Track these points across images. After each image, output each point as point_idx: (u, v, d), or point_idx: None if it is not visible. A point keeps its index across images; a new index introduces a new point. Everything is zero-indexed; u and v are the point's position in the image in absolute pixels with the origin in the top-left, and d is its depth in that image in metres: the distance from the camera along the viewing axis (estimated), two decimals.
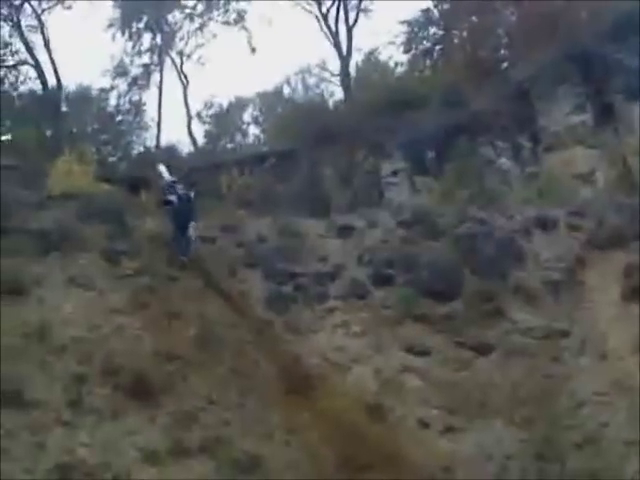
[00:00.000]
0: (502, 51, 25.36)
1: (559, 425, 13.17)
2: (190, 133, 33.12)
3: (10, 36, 29.50)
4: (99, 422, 11.37)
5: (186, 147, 32.52)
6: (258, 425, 12.33)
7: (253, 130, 37.87)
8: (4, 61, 29.65)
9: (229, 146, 36.10)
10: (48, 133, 28.06)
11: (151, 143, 32.39)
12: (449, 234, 17.01)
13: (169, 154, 29.87)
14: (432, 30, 28.80)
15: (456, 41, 26.73)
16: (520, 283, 15.89)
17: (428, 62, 28.23)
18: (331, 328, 15.51)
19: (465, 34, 26.39)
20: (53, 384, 11.67)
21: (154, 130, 32.57)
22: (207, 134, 36.72)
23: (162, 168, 17.41)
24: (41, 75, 29.31)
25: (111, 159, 30.13)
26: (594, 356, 14.25)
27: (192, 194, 16.43)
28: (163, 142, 32.01)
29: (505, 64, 24.40)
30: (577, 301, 15.39)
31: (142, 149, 32.14)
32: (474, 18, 26.05)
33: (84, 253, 14.76)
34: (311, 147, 20.85)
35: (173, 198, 16.05)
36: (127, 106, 33.61)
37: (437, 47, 28.06)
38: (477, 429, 13.53)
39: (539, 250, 16.59)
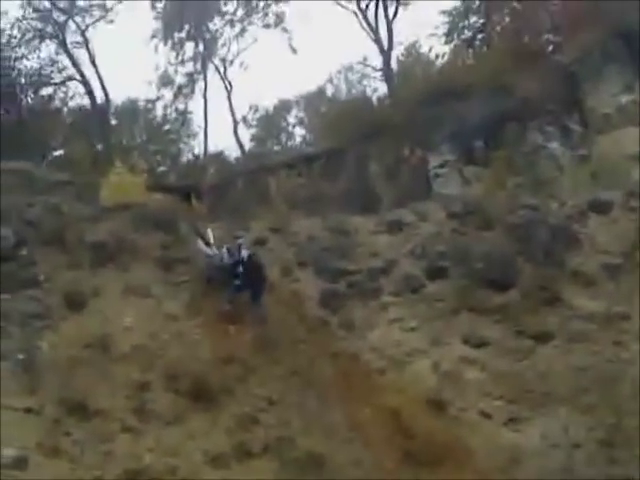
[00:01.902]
0: (546, 35, 24.91)
1: (624, 410, 12.93)
2: (237, 138, 33.30)
3: (57, 53, 30.00)
4: (163, 427, 11.56)
5: (234, 152, 32.75)
6: (319, 423, 12.35)
7: (299, 131, 37.95)
8: (52, 78, 30.19)
9: (276, 148, 36.22)
10: (99, 147, 28.46)
11: (199, 150, 32.73)
12: (501, 223, 16.80)
13: (217, 160, 30.23)
14: (473, 19, 28.55)
15: (498, 28, 26.39)
16: (577, 268, 15.65)
17: (470, 51, 27.93)
18: (387, 323, 15.50)
19: (507, 20, 26.05)
20: (116, 392, 11.86)
21: (201, 137, 32.92)
22: (254, 138, 36.94)
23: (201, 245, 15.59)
24: (89, 90, 29.76)
25: (161, 168, 30.45)
26: None
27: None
28: (211, 148, 32.33)
29: (550, 48, 23.99)
30: (636, 284, 15.07)
31: (190, 157, 32.44)
32: (515, 3, 25.72)
33: (140, 262, 14.96)
34: (357, 144, 20.80)
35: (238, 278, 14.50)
36: (174, 115, 33.96)
37: (479, 35, 27.77)
38: (541, 418, 13.37)
39: (595, 234, 16.30)
